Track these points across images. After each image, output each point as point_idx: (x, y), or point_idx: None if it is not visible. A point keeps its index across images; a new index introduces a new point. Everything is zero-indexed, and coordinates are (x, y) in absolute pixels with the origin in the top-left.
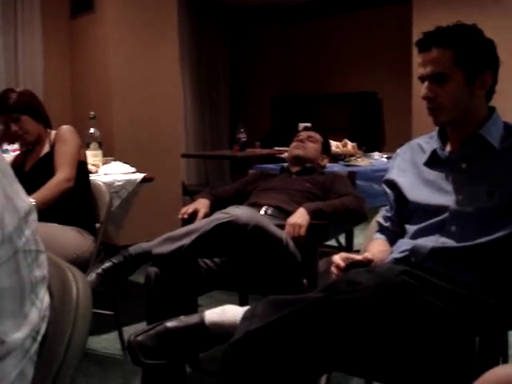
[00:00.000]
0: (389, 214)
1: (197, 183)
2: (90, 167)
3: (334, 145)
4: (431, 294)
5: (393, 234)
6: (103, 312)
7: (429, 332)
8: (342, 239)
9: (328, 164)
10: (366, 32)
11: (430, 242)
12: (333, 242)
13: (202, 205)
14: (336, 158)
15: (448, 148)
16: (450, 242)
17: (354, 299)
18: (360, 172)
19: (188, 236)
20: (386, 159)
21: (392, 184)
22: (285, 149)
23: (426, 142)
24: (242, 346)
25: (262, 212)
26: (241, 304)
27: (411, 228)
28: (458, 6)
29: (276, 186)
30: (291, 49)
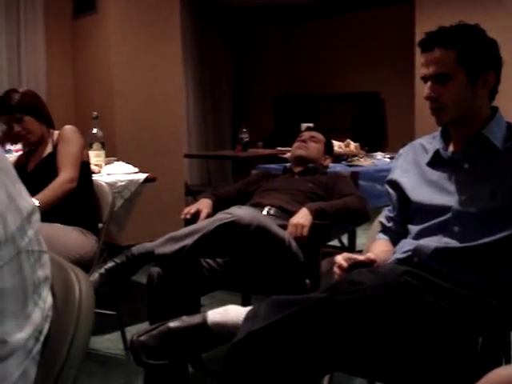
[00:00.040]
0: (391, 215)
1: (199, 183)
2: (93, 167)
3: (337, 145)
4: (434, 294)
5: (395, 235)
6: (106, 312)
7: (431, 332)
8: (345, 239)
9: (330, 164)
10: (369, 32)
11: (432, 242)
12: (335, 243)
13: (204, 205)
14: (338, 158)
15: (451, 148)
16: (452, 243)
17: (357, 299)
18: (363, 172)
19: (190, 236)
20: (388, 159)
21: (395, 184)
22: (287, 149)
23: (429, 142)
24: (244, 346)
25: (265, 212)
26: (243, 304)
27: (414, 228)
28: (460, 5)
29: (278, 187)
30: (293, 49)
